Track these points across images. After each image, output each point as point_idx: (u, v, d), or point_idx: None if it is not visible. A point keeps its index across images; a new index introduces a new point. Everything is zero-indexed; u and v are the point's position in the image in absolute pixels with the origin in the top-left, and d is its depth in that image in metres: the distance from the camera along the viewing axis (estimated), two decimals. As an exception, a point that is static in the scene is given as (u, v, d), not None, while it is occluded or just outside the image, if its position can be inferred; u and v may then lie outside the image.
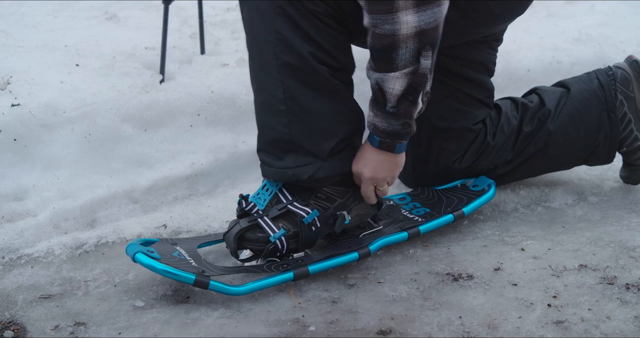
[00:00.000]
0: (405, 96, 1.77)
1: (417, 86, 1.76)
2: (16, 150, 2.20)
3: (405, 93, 1.77)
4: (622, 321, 1.71)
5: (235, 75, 2.58)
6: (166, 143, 2.37)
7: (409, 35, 1.71)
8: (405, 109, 1.79)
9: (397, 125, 1.81)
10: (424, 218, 2.07)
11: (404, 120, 1.81)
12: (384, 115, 1.81)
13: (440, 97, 2.09)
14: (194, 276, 1.75)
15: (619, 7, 3.66)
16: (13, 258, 1.99)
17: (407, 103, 1.78)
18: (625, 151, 2.27)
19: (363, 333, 1.69)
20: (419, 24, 1.70)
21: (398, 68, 1.74)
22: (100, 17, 3.33)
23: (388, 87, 1.77)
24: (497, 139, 2.19)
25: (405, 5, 1.68)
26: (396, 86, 1.76)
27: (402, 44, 1.72)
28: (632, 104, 2.25)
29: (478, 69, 2.17)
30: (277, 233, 1.88)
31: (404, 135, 1.84)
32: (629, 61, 2.30)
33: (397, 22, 1.69)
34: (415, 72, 1.74)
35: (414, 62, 1.74)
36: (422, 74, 1.75)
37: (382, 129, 1.83)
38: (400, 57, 1.73)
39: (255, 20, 1.84)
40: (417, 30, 1.70)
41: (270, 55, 1.82)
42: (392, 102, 1.78)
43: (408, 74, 1.75)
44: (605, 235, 2.08)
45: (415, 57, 1.73)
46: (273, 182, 1.94)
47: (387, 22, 1.70)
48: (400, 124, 1.81)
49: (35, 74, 2.47)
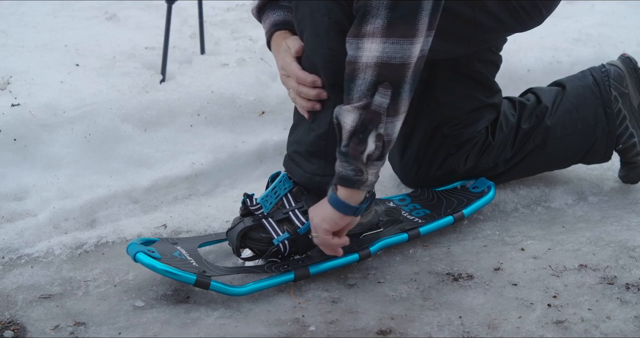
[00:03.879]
0: (355, 133, 1.64)
1: (368, 124, 1.62)
2: (16, 150, 2.20)
3: (355, 130, 1.64)
4: (622, 321, 1.71)
5: (235, 75, 2.58)
6: (166, 143, 2.37)
7: (369, 65, 1.59)
8: (354, 147, 1.65)
9: (349, 170, 1.67)
10: (424, 219, 2.07)
11: (355, 164, 1.67)
12: (339, 157, 1.69)
13: (456, 104, 2.10)
14: (195, 276, 1.75)
15: (619, 7, 3.67)
16: (13, 258, 1.99)
17: (356, 141, 1.64)
18: (621, 148, 2.28)
19: (363, 333, 1.69)
20: (382, 55, 1.58)
21: (352, 100, 1.63)
22: (100, 17, 3.34)
23: (342, 121, 1.65)
24: (497, 137, 2.19)
25: (373, 33, 1.58)
26: (348, 120, 1.64)
27: (360, 74, 1.60)
28: (627, 100, 2.27)
29: (492, 70, 2.18)
30: (281, 236, 1.88)
31: (355, 182, 1.68)
32: (622, 58, 2.33)
33: (361, 49, 1.59)
34: (367, 108, 1.61)
35: (367, 96, 1.61)
36: (375, 112, 1.61)
37: (337, 173, 1.70)
38: (356, 88, 1.61)
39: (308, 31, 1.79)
40: (378, 61, 1.58)
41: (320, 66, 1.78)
42: (344, 139, 1.66)
43: (359, 108, 1.62)
44: (605, 235, 2.08)
45: (370, 91, 1.60)
46: (282, 187, 1.93)
47: (351, 47, 1.61)
48: (352, 169, 1.67)
49: (35, 74, 2.47)
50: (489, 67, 2.16)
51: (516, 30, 2.03)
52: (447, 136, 2.14)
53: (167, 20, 2.55)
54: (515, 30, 2.03)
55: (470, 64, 2.10)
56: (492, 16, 1.92)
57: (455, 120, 2.14)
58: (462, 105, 2.13)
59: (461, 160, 2.18)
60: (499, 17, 1.93)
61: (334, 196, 1.72)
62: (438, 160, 2.17)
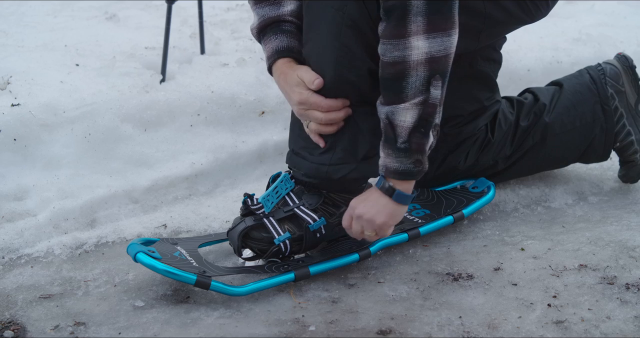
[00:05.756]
0: (416, 128, 1.69)
1: (428, 117, 1.69)
2: (16, 150, 2.20)
3: (416, 125, 1.69)
4: (622, 321, 1.71)
5: (235, 75, 2.58)
6: (166, 143, 2.37)
7: (420, 62, 1.65)
8: (417, 142, 1.70)
9: (408, 164, 1.72)
10: (424, 219, 2.07)
11: (416, 157, 1.72)
12: (395, 154, 1.72)
13: (456, 103, 2.10)
14: (195, 276, 1.75)
15: (619, 7, 3.66)
16: (13, 258, 1.99)
17: (419, 136, 1.70)
18: (618, 147, 2.28)
19: (363, 333, 1.69)
20: (430, 51, 1.64)
21: (408, 98, 1.67)
22: (100, 17, 3.34)
23: (399, 119, 1.69)
24: (496, 134, 2.20)
25: (417, 30, 1.63)
26: (407, 118, 1.69)
27: (412, 72, 1.66)
28: (623, 98, 2.28)
29: (495, 68, 2.19)
30: (282, 236, 1.88)
31: (415, 174, 1.74)
32: (618, 57, 2.35)
33: (408, 48, 1.64)
34: (425, 102, 1.68)
35: (424, 91, 1.67)
36: (433, 104, 1.68)
37: (394, 169, 1.73)
38: (410, 85, 1.67)
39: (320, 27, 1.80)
40: (427, 57, 1.65)
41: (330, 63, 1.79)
42: (403, 136, 1.70)
43: (418, 104, 1.68)
44: (605, 235, 2.08)
45: (425, 86, 1.67)
46: (284, 186, 1.93)
47: (397, 48, 1.65)
48: (412, 162, 1.72)
49: (35, 74, 2.47)
50: (492, 66, 2.17)
51: (524, 22, 2.04)
52: (447, 134, 2.14)
53: (167, 20, 2.55)
54: (524, 22, 2.04)
55: (473, 62, 2.10)
56: (501, 8, 1.93)
57: (456, 119, 2.14)
58: (464, 105, 2.14)
59: (461, 158, 2.18)
60: (508, 9, 1.95)
61: (399, 193, 1.76)
62: (438, 158, 2.17)
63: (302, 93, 1.82)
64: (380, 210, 1.78)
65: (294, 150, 1.93)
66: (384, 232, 1.82)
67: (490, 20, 1.94)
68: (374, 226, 1.80)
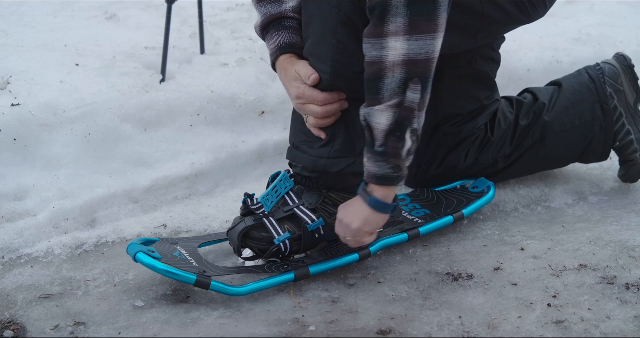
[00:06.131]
0: (392, 132, 1.66)
1: (404, 121, 1.65)
2: (16, 150, 2.20)
3: (392, 129, 1.66)
4: (622, 321, 1.71)
5: (235, 75, 2.58)
6: (166, 143, 2.37)
7: (396, 63, 1.61)
8: (393, 146, 1.67)
9: (387, 169, 1.69)
10: (424, 219, 2.07)
11: (394, 162, 1.69)
12: (374, 158, 1.70)
13: (455, 102, 2.10)
14: (195, 276, 1.75)
15: (619, 7, 3.66)
16: (13, 258, 1.99)
17: (394, 140, 1.67)
18: (618, 146, 2.29)
19: (363, 333, 1.69)
20: (408, 52, 1.61)
21: (384, 100, 1.64)
22: (100, 17, 3.34)
23: (375, 122, 1.67)
24: (496, 133, 2.20)
25: (396, 31, 1.60)
26: (382, 120, 1.65)
27: (388, 72, 1.62)
28: (622, 97, 2.28)
29: (493, 67, 2.19)
30: (282, 236, 1.88)
31: (394, 179, 1.71)
32: (617, 57, 2.36)
33: (385, 48, 1.61)
34: (401, 105, 1.64)
35: (400, 94, 1.63)
36: (409, 108, 1.64)
37: (373, 174, 1.71)
38: (385, 87, 1.63)
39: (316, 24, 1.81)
40: (405, 59, 1.61)
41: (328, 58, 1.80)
42: (380, 139, 1.67)
43: (393, 107, 1.64)
44: (605, 235, 2.08)
45: (401, 88, 1.63)
46: (283, 185, 1.93)
47: (375, 47, 1.63)
48: (390, 167, 1.69)
49: (35, 74, 2.47)
50: (491, 65, 2.17)
51: (522, 22, 2.04)
52: (447, 134, 2.15)
53: (167, 20, 2.55)
54: (521, 22, 2.04)
55: (473, 61, 2.11)
56: (499, 8, 1.93)
57: (456, 119, 2.14)
58: (464, 105, 2.14)
59: (461, 157, 2.18)
60: (506, 9, 1.94)
61: (374, 199, 1.73)
62: (438, 157, 2.17)
63: (300, 87, 1.83)
64: (357, 215, 1.77)
65: (294, 145, 1.94)
66: (360, 239, 1.80)
67: (488, 20, 1.93)
68: (351, 231, 1.79)
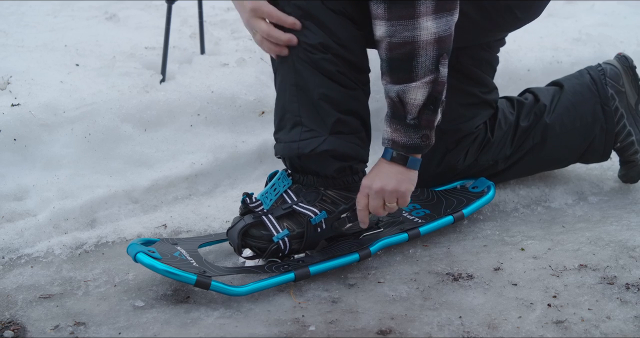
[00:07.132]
0: (426, 106, 1.76)
1: (437, 95, 1.75)
2: (16, 150, 2.20)
3: (426, 103, 1.75)
4: (622, 321, 1.71)
5: (235, 75, 2.58)
6: (166, 143, 2.37)
7: (429, 42, 1.71)
8: (427, 119, 1.77)
9: (416, 138, 1.79)
10: (424, 219, 2.07)
11: (424, 132, 1.79)
12: (404, 129, 1.78)
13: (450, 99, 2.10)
14: (195, 276, 1.75)
15: (619, 7, 3.67)
16: (13, 258, 1.99)
17: (429, 113, 1.76)
18: (619, 147, 2.29)
19: (363, 333, 1.69)
20: (437, 31, 1.70)
21: (419, 77, 1.73)
22: (100, 17, 3.34)
23: (410, 98, 1.75)
24: (496, 134, 2.20)
25: (426, 11, 1.69)
26: (418, 96, 1.75)
27: (422, 51, 1.71)
28: (623, 98, 2.28)
29: (486, 69, 2.19)
30: (281, 233, 1.88)
31: (422, 148, 1.81)
32: (618, 57, 2.36)
33: (418, 28, 1.69)
34: (435, 81, 1.74)
35: (434, 70, 1.73)
36: (442, 82, 1.75)
37: (402, 144, 1.80)
38: (420, 65, 1.72)
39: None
40: (436, 37, 1.70)
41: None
42: (413, 113, 1.76)
43: (429, 83, 1.74)
44: (605, 235, 2.08)
45: (434, 65, 1.73)
46: (281, 183, 1.93)
47: (407, 28, 1.70)
48: (419, 137, 1.79)
49: (35, 74, 2.47)
50: (482, 66, 2.17)
51: (493, 31, 2.06)
52: (445, 131, 2.14)
53: (167, 20, 2.55)
54: (492, 31, 2.06)
55: (460, 58, 2.10)
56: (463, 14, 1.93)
57: (451, 115, 2.13)
58: (454, 98, 2.11)
59: (460, 156, 2.18)
60: (471, 16, 1.95)
61: (413, 158, 1.82)
62: (437, 156, 2.17)
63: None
64: (400, 178, 1.84)
65: (275, 139, 1.94)
66: (405, 199, 1.87)
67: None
68: (398, 194, 1.85)
